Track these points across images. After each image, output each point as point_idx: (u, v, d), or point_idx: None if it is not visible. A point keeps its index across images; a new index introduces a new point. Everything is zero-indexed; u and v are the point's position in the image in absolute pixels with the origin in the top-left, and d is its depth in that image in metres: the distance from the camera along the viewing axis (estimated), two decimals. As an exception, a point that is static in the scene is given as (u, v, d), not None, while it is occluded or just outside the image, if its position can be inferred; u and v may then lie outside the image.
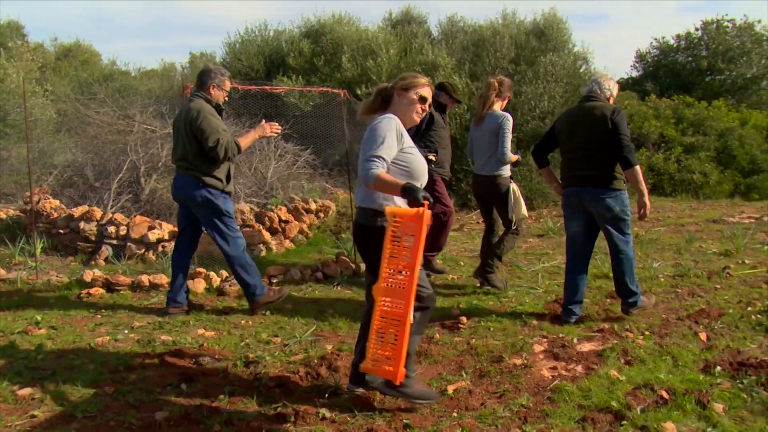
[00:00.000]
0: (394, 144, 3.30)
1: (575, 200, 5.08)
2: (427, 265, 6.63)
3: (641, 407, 3.56)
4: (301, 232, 7.93)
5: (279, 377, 3.99)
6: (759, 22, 29.34)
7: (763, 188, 15.13)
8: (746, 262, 7.48)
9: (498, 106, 5.83)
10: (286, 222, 7.79)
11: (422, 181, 3.45)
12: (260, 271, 6.27)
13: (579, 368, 4.19)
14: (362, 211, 3.42)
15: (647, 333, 4.92)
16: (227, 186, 5.26)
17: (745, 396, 3.78)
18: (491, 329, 5.00)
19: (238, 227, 5.45)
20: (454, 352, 4.51)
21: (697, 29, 30.60)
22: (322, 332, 4.95)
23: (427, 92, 3.54)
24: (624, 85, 28.62)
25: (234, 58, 13.96)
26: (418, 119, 3.57)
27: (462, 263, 7.40)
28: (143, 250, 7.24)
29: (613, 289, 5.58)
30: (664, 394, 3.71)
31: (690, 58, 30.21)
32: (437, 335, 4.85)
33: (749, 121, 17.97)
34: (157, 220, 7.59)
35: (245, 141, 5.33)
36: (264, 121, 5.47)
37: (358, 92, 11.74)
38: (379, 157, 3.21)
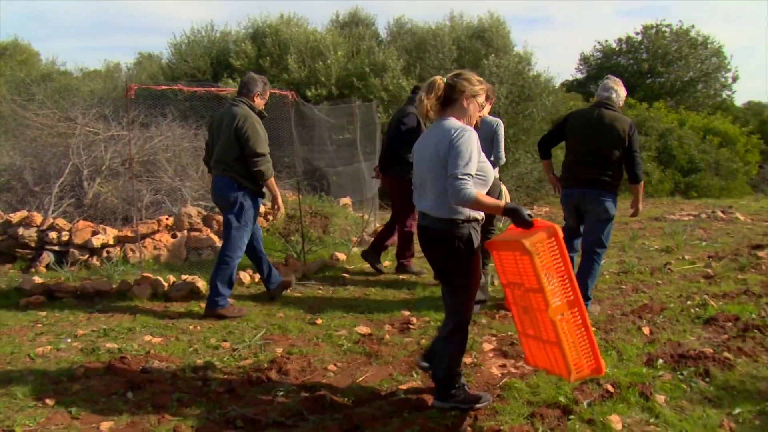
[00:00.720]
0: (476, 158, 3.23)
1: (576, 200, 5.37)
2: (404, 268, 6.91)
3: (588, 401, 3.64)
4: (250, 235, 7.86)
5: (228, 382, 3.94)
6: (693, 27, 30.52)
7: (700, 186, 15.67)
8: (686, 257, 7.73)
9: (486, 111, 5.82)
10: (235, 225, 7.70)
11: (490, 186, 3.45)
12: (208, 275, 6.21)
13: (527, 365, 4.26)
14: (441, 222, 3.32)
15: (593, 329, 5.01)
16: (260, 190, 5.47)
17: (685, 386, 3.91)
18: (441, 328, 5.04)
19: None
20: (404, 352, 4.52)
21: (637, 33, 31.61)
22: (271, 336, 4.90)
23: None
24: (569, 86, 29.29)
25: (180, 59, 13.71)
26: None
27: (412, 263, 7.43)
28: (87, 255, 7.04)
29: None
30: (610, 388, 3.80)
31: (631, 61, 31.16)
32: (387, 336, 4.86)
33: (687, 122, 18.60)
34: (101, 225, 7.38)
35: (273, 184, 5.55)
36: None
37: (307, 93, 11.69)
38: (469, 175, 3.13)
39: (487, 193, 3.38)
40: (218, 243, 7.34)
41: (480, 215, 3.39)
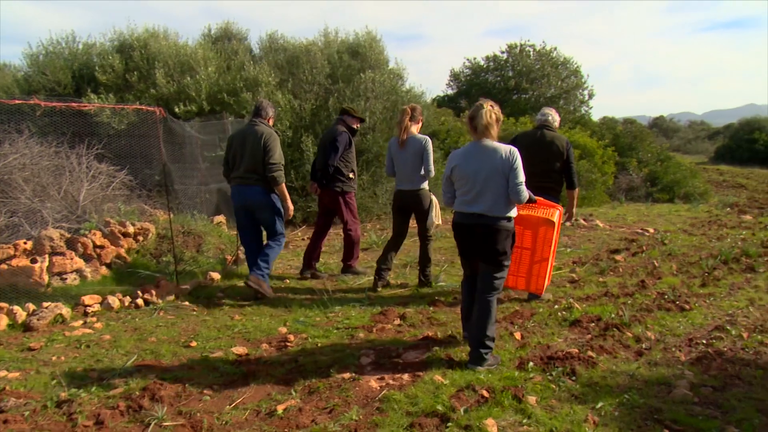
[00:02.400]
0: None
1: None
2: (350, 270, 7.56)
3: (464, 408, 3.74)
4: (118, 257, 7.47)
5: (96, 414, 3.71)
6: (555, 49, 32.53)
7: (564, 196, 16.56)
8: (553, 264, 8.13)
9: (415, 129, 6.67)
10: (102, 247, 7.29)
11: None
12: (73, 301, 5.88)
13: (405, 376, 4.32)
14: (499, 220, 4.46)
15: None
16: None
17: (554, 386, 4.13)
18: (319, 345, 5.01)
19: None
20: (282, 370, 4.47)
21: (503, 52, 33.15)
22: (143, 362, 4.67)
23: None
24: (440, 102, 30.20)
25: (37, 72, 12.74)
26: None
27: (288, 281, 7.36)
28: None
29: (437, 297, 6.39)
30: (485, 393, 3.93)
31: (499, 78, 32.66)
32: (265, 355, 4.78)
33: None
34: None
35: (284, 189, 6.67)
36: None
37: (176, 110, 11.31)
38: (523, 181, 4.47)
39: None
40: (84, 267, 6.95)
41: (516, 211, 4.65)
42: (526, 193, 4.47)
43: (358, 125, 7.59)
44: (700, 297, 6.64)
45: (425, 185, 6.78)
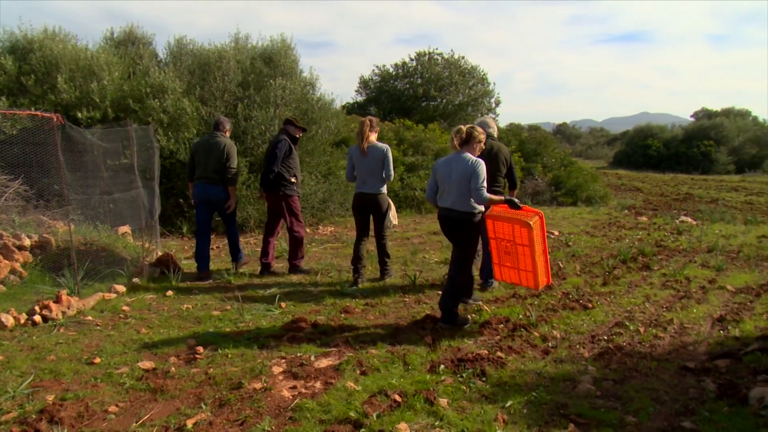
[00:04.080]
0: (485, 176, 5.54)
1: None
2: (296, 269, 8.07)
3: (377, 413, 3.75)
4: (13, 272, 7.07)
5: (-12, 440, 3.50)
6: (463, 57, 33.30)
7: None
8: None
9: (374, 138, 7.31)
10: (-6, 262, 6.89)
11: None
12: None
13: (318, 384, 4.29)
14: (463, 213, 5.59)
15: (380, 342, 5.21)
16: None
17: (465, 387, 4.21)
18: (229, 356, 4.90)
19: None
20: (191, 384, 4.34)
21: (412, 59, 33.61)
22: (41, 382, 4.40)
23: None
24: (350, 109, 30.32)
25: None
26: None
27: (197, 291, 7.17)
28: None
29: (347, 303, 6.46)
30: (397, 398, 3.96)
31: (408, 85, 33.08)
32: (173, 369, 4.62)
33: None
34: None
35: (234, 188, 7.90)
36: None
37: (79, 116, 10.83)
38: (484, 186, 5.46)
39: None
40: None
41: (482, 208, 5.68)
42: (486, 194, 5.46)
43: (300, 134, 8.16)
44: (601, 295, 6.94)
45: (384, 189, 7.38)
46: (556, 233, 11.59)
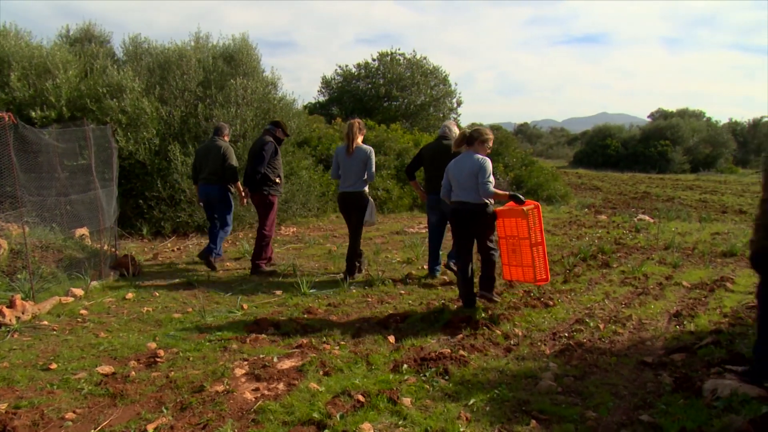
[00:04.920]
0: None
1: (435, 202, 7.49)
2: (258, 269, 8.13)
3: (340, 414, 3.75)
4: (-36, 276, 6.87)
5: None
6: (425, 58, 33.46)
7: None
8: (425, 267, 8.34)
9: (360, 140, 7.60)
10: (-55, 266, 6.69)
11: None
12: None
13: (281, 386, 4.26)
14: (476, 205, 6.09)
15: (342, 343, 5.21)
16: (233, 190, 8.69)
17: (428, 386, 4.23)
18: (191, 359, 4.84)
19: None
20: (152, 388, 4.27)
21: (374, 59, 33.65)
22: (-5, 389, 4.31)
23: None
24: (312, 109, 30.22)
25: None
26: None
27: (157, 293, 7.06)
28: None
29: (310, 304, 6.50)
30: (361, 398, 3.96)
31: (370, 86, 33.08)
32: (133, 373, 4.54)
33: (421, 143, 20.15)
34: None
35: (240, 186, 8.62)
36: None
37: (33, 115, 10.58)
38: (490, 180, 5.99)
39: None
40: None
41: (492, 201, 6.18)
42: (492, 188, 5.97)
43: (284, 137, 8.50)
44: (562, 293, 7.04)
45: (366, 188, 7.64)
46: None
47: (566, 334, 5.58)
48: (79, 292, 6.83)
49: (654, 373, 4.64)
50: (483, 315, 6.05)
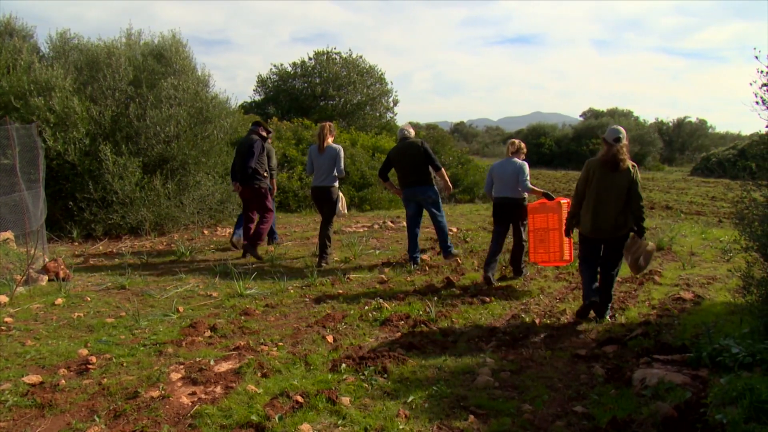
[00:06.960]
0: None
1: (410, 195, 8.42)
2: (252, 250, 8.96)
3: (279, 415, 3.72)
4: None
5: None
6: (361, 57, 33.53)
7: (372, 200, 17.09)
8: (363, 266, 8.35)
9: (331, 139, 8.61)
10: None
11: None
12: None
13: (218, 389, 4.20)
14: (515, 199, 7.59)
15: (280, 344, 5.17)
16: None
17: (367, 385, 4.24)
18: (125, 364, 4.72)
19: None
20: (84, 396, 4.14)
21: (310, 58, 33.51)
22: None
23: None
24: (247, 108, 29.86)
25: None
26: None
27: (89, 298, 6.84)
28: None
29: (247, 306, 6.42)
30: (299, 399, 3.93)
31: (306, 85, 32.94)
32: (63, 381, 4.37)
33: (358, 142, 20.22)
34: None
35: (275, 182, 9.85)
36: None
37: (-50, 113, 10.08)
38: (528, 179, 7.50)
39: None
40: None
41: (527, 196, 7.69)
42: (531, 185, 7.51)
43: (267, 134, 9.44)
44: (499, 289, 7.15)
45: (336, 183, 8.58)
46: (454, 230, 11.84)
47: (503, 330, 5.68)
48: (3, 298, 6.56)
49: (587, 365, 4.77)
50: (420, 313, 6.10)
